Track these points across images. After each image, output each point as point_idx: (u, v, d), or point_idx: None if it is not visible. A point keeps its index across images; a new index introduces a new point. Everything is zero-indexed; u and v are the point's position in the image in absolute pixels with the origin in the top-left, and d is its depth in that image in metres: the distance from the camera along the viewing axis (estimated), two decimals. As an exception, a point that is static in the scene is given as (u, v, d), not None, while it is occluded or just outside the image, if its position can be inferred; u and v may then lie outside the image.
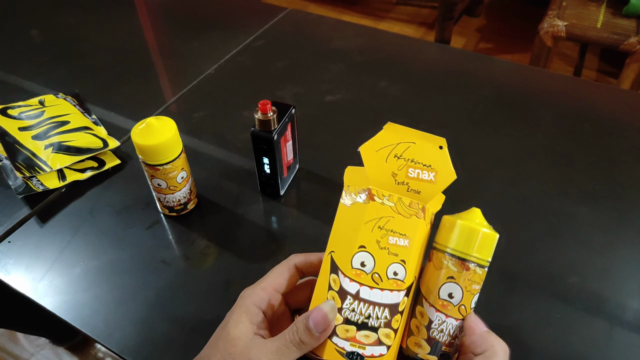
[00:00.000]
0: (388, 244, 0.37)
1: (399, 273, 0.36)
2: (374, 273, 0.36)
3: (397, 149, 0.38)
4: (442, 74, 0.84)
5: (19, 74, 0.86)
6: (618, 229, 0.57)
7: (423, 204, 0.38)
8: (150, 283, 0.53)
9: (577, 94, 0.80)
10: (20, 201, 0.63)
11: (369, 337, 0.36)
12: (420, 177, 0.38)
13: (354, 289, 0.36)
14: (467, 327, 0.37)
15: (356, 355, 0.35)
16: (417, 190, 0.38)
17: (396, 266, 0.36)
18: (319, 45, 0.92)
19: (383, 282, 0.36)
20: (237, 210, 0.61)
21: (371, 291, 0.36)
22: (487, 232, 0.37)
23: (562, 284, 0.52)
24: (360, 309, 0.36)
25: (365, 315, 0.36)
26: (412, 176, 0.38)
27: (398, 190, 0.38)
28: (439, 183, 0.38)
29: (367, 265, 0.36)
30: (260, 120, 0.54)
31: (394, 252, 0.36)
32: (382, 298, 0.36)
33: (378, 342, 0.36)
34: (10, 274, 0.55)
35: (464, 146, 0.69)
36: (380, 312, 0.36)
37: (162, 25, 1.03)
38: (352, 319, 0.36)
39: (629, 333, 0.48)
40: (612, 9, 1.52)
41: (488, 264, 0.38)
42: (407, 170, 0.38)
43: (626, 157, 0.67)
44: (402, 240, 0.37)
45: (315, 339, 0.35)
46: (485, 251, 0.37)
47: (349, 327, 0.36)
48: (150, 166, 0.53)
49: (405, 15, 2.48)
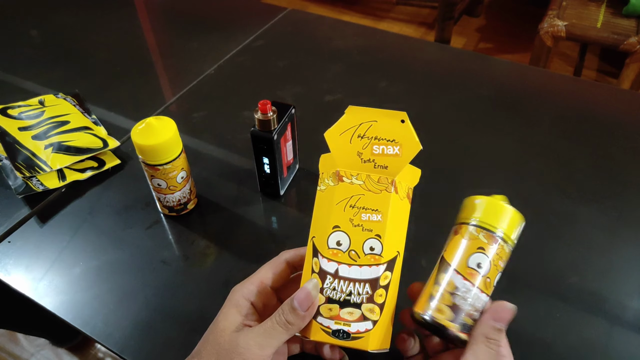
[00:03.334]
0: (361, 220, 0.37)
1: (376, 248, 0.37)
2: (350, 250, 0.37)
3: (360, 129, 0.39)
4: (442, 74, 0.84)
5: (19, 74, 0.86)
6: (618, 229, 0.57)
7: (392, 178, 0.39)
8: (150, 283, 0.53)
9: (577, 94, 0.80)
10: (20, 201, 0.63)
11: (353, 313, 0.36)
12: (386, 152, 0.39)
13: (333, 268, 0.37)
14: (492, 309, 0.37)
15: (342, 332, 0.36)
16: (384, 165, 0.39)
17: (372, 241, 0.37)
18: (319, 45, 0.92)
19: (361, 259, 0.37)
20: (237, 210, 0.61)
21: (350, 269, 0.37)
22: (516, 213, 0.40)
23: (562, 284, 0.52)
24: (341, 287, 0.37)
25: (346, 292, 0.37)
26: (377, 152, 0.39)
27: (365, 168, 0.39)
28: (404, 155, 0.39)
29: (342, 244, 0.37)
30: (260, 120, 0.54)
31: (368, 228, 0.37)
32: (362, 274, 0.37)
33: (362, 318, 0.36)
34: (10, 274, 0.55)
35: (464, 146, 0.69)
36: (361, 288, 0.37)
37: (162, 25, 1.03)
38: (334, 297, 0.37)
39: (629, 333, 0.48)
40: (612, 9, 1.52)
41: (514, 244, 0.40)
42: (371, 147, 0.39)
43: (626, 157, 0.67)
44: (374, 215, 0.38)
45: (300, 317, 0.36)
46: (514, 230, 0.40)
47: (331, 306, 0.37)
48: (150, 166, 0.53)
49: (405, 15, 2.48)
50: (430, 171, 0.65)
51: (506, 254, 0.39)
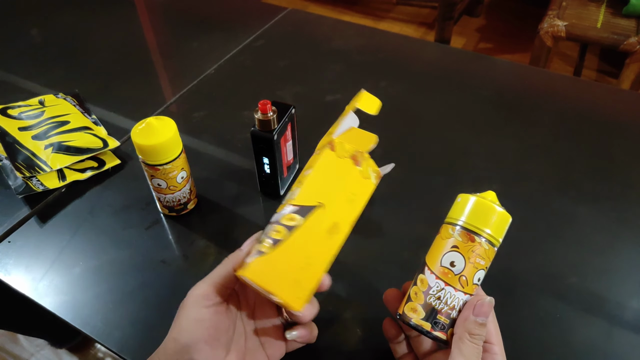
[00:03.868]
0: (301, 177, 0.41)
1: (295, 193, 0.39)
2: (289, 199, 0.40)
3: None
4: (442, 74, 0.84)
5: (19, 74, 0.86)
6: (618, 229, 0.57)
7: (330, 139, 0.41)
8: (150, 283, 0.53)
9: (577, 94, 0.80)
10: (20, 201, 0.63)
11: (255, 247, 0.38)
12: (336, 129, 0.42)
13: (276, 217, 0.39)
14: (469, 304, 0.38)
15: (245, 264, 0.38)
16: (332, 132, 0.42)
17: (295, 190, 0.40)
18: (319, 45, 0.92)
19: (285, 202, 0.40)
20: (237, 210, 0.61)
21: (277, 214, 0.39)
22: (494, 208, 0.39)
23: (562, 284, 0.52)
24: (267, 230, 0.39)
25: (266, 233, 0.39)
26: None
27: (325, 140, 0.43)
28: (341, 117, 0.43)
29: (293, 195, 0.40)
30: (260, 120, 0.54)
31: (299, 181, 0.40)
32: (277, 216, 0.39)
33: (257, 252, 0.38)
34: (10, 274, 0.55)
35: (464, 146, 0.69)
36: (270, 227, 0.39)
37: (162, 25, 1.03)
38: (259, 239, 0.39)
39: (629, 333, 0.48)
40: (612, 9, 1.52)
41: (497, 242, 0.39)
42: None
43: (626, 157, 0.67)
44: (307, 171, 0.40)
45: (237, 251, 0.40)
46: (492, 227, 0.39)
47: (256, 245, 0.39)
48: (150, 166, 0.53)
49: (405, 15, 2.48)
50: (430, 171, 0.66)
51: (485, 250, 0.38)
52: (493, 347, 0.38)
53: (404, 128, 0.72)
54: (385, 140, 0.66)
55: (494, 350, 0.38)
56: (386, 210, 0.60)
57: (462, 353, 0.36)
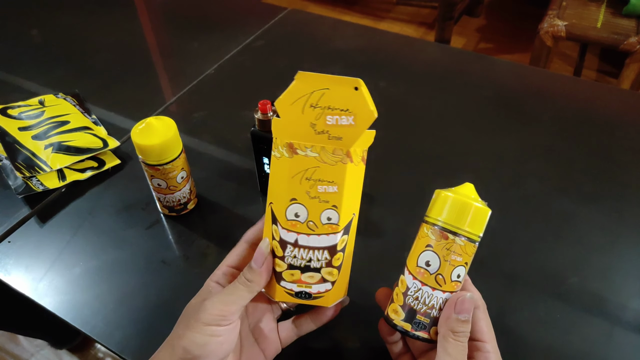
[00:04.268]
0: (317, 192, 0.38)
1: (332, 218, 0.38)
2: (309, 221, 0.38)
3: (312, 98, 0.38)
4: (442, 74, 0.84)
5: (19, 74, 0.86)
6: (618, 229, 0.57)
7: (347, 149, 0.38)
8: (150, 283, 0.53)
9: (577, 94, 0.80)
10: (20, 201, 0.63)
11: (313, 277, 0.39)
12: (339, 122, 0.37)
13: (292, 238, 0.38)
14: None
15: (304, 293, 0.39)
16: (338, 136, 0.37)
17: (329, 212, 0.38)
18: (319, 45, 0.92)
19: (319, 228, 0.38)
20: (237, 210, 0.61)
21: (309, 237, 0.38)
22: (467, 202, 0.38)
23: (562, 284, 0.52)
24: (302, 255, 0.38)
25: (306, 259, 0.38)
26: (331, 123, 0.37)
27: (319, 139, 0.38)
28: (359, 125, 0.37)
29: (300, 216, 0.38)
30: (260, 120, 0.54)
31: (324, 199, 0.38)
32: (320, 242, 0.38)
33: (322, 280, 0.39)
34: (10, 274, 0.55)
35: (464, 146, 0.69)
36: (320, 254, 0.38)
37: (162, 25, 1.03)
38: (295, 264, 0.39)
39: (629, 333, 0.48)
40: (612, 9, 1.52)
41: (475, 237, 0.38)
42: (324, 118, 0.37)
43: (626, 157, 0.67)
44: (330, 187, 0.38)
45: (257, 274, 0.38)
46: (466, 222, 0.38)
47: (293, 272, 0.39)
48: (150, 166, 0.53)
49: (405, 15, 2.48)
50: (430, 171, 0.66)
51: (461, 247, 0.38)
52: (485, 345, 0.37)
53: (404, 128, 0.72)
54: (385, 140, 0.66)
55: (486, 348, 0.37)
56: (386, 210, 0.60)
57: (447, 352, 0.36)
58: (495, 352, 0.38)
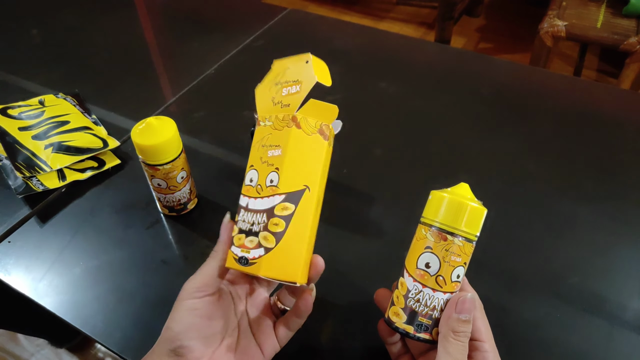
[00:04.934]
0: (267, 157, 0.40)
1: (274, 180, 0.39)
2: (257, 185, 0.40)
3: (277, 77, 0.43)
4: (442, 74, 0.84)
5: (19, 74, 0.86)
6: (618, 229, 0.57)
7: (292, 114, 0.40)
8: (150, 283, 0.53)
9: (577, 94, 0.80)
10: (20, 201, 0.63)
11: (252, 241, 0.39)
12: (290, 92, 0.41)
13: (245, 202, 0.40)
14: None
15: (243, 259, 0.38)
16: (287, 104, 0.41)
17: (272, 175, 0.39)
18: (319, 45, 0.92)
19: (263, 191, 0.39)
20: (237, 210, 0.61)
21: (255, 201, 0.39)
22: (464, 203, 0.38)
23: (562, 284, 0.52)
24: (248, 218, 0.39)
25: (250, 222, 0.39)
26: (284, 94, 0.41)
27: (276, 110, 0.41)
28: (302, 90, 0.40)
29: (253, 180, 0.40)
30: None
31: (270, 163, 0.39)
32: (262, 205, 0.39)
33: (259, 245, 0.38)
34: (10, 274, 0.55)
35: (464, 146, 0.69)
36: (260, 217, 0.39)
37: (162, 25, 1.03)
38: (242, 228, 0.39)
39: (630, 333, 0.48)
40: (612, 9, 1.52)
41: (472, 237, 0.38)
42: (281, 91, 0.42)
43: (626, 157, 0.67)
44: (276, 151, 0.40)
45: (221, 243, 0.40)
46: (464, 223, 0.38)
47: (240, 236, 0.39)
48: (150, 166, 0.53)
49: (405, 15, 2.48)
50: (430, 171, 0.66)
51: (459, 247, 0.38)
52: (483, 344, 0.37)
53: (404, 128, 0.72)
54: (385, 140, 0.67)
55: (484, 347, 0.37)
56: (386, 210, 0.60)
57: (447, 352, 0.36)
58: (493, 351, 0.38)
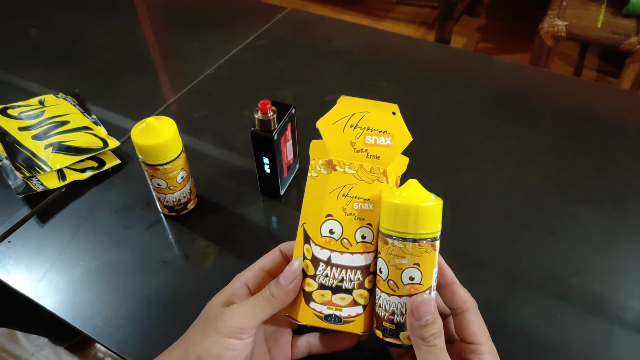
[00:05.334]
0: (353, 209, 0.38)
1: (367, 236, 0.38)
2: (343, 239, 0.38)
3: (353, 119, 0.40)
4: (442, 74, 0.84)
5: (19, 74, 0.86)
6: (618, 229, 0.57)
7: (384, 168, 0.39)
8: (150, 283, 0.53)
9: (577, 94, 0.80)
10: (20, 201, 0.63)
11: (344, 299, 0.38)
12: (378, 142, 0.40)
13: (325, 256, 0.38)
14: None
15: (334, 317, 0.37)
16: (376, 155, 0.40)
17: (364, 230, 0.38)
18: (319, 45, 0.92)
19: (352, 247, 0.38)
20: (237, 210, 0.61)
21: (342, 256, 0.38)
22: (392, 203, 0.36)
23: (562, 284, 0.52)
24: (334, 274, 0.38)
25: (338, 279, 0.38)
26: (370, 143, 0.40)
27: (358, 157, 0.40)
28: (396, 146, 0.40)
29: (335, 232, 0.38)
30: (260, 120, 0.54)
31: (360, 217, 0.38)
32: (353, 261, 0.38)
33: (354, 303, 0.38)
34: (10, 274, 0.55)
35: (464, 146, 0.69)
36: (353, 274, 0.38)
37: (162, 25, 1.03)
38: (326, 284, 0.38)
39: (630, 333, 0.48)
40: (612, 9, 1.52)
41: (415, 235, 0.36)
42: (364, 137, 0.40)
43: (626, 157, 0.67)
44: (366, 205, 0.38)
45: (284, 292, 0.37)
46: (395, 222, 0.36)
47: (324, 292, 0.38)
48: (150, 166, 0.53)
49: (405, 15, 2.48)
50: (430, 171, 0.65)
51: (400, 249, 0.36)
52: (480, 347, 0.37)
53: (404, 128, 0.72)
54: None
55: (481, 350, 0.37)
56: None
57: (423, 359, 0.35)
58: (491, 352, 0.37)
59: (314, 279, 0.38)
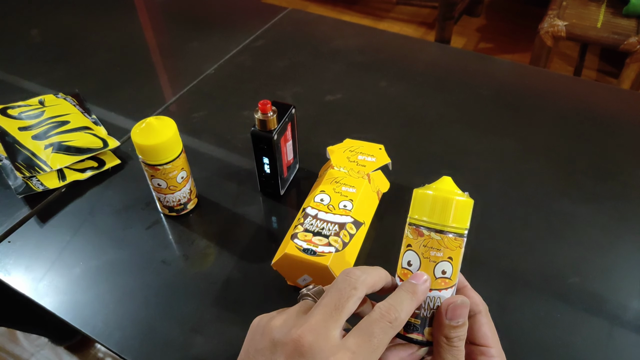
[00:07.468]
0: (341, 190, 0.54)
1: (348, 206, 0.52)
2: (329, 205, 0.52)
3: (351, 148, 0.60)
4: (442, 74, 0.84)
5: (19, 74, 0.86)
6: (618, 229, 0.57)
7: (368, 172, 0.56)
8: (150, 283, 0.53)
9: (577, 94, 0.80)
10: (20, 201, 0.63)
11: (322, 240, 0.49)
12: (366, 160, 0.58)
13: (314, 212, 0.51)
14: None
15: (310, 250, 0.48)
16: (363, 164, 0.57)
17: (346, 202, 0.52)
18: (319, 45, 0.92)
19: (335, 210, 0.52)
20: (237, 210, 0.61)
21: (326, 214, 0.51)
22: (435, 196, 0.37)
23: (562, 284, 0.52)
24: (317, 224, 0.50)
25: (320, 227, 0.50)
26: (361, 159, 0.58)
27: (351, 165, 0.57)
28: (378, 161, 0.58)
29: (324, 200, 0.52)
30: (260, 120, 0.54)
31: (344, 194, 0.53)
32: (334, 219, 0.51)
33: (328, 244, 0.48)
34: (10, 274, 0.55)
35: (464, 146, 0.69)
36: (332, 226, 0.50)
37: (162, 25, 1.03)
38: (310, 229, 0.50)
39: (630, 333, 0.48)
40: (612, 9, 1.52)
41: (452, 229, 0.36)
42: (357, 156, 0.59)
43: (626, 157, 0.67)
44: (351, 189, 0.54)
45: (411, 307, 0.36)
46: (438, 215, 0.36)
47: (307, 234, 0.49)
48: (150, 166, 0.53)
49: (405, 15, 2.48)
50: (430, 171, 0.65)
51: (437, 241, 0.36)
52: (490, 350, 0.37)
53: (404, 128, 0.72)
54: (385, 140, 0.66)
55: (490, 353, 0.37)
56: (386, 210, 0.60)
57: (441, 357, 0.35)
58: (500, 356, 0.37)
59: (302, 225, 0.50)
